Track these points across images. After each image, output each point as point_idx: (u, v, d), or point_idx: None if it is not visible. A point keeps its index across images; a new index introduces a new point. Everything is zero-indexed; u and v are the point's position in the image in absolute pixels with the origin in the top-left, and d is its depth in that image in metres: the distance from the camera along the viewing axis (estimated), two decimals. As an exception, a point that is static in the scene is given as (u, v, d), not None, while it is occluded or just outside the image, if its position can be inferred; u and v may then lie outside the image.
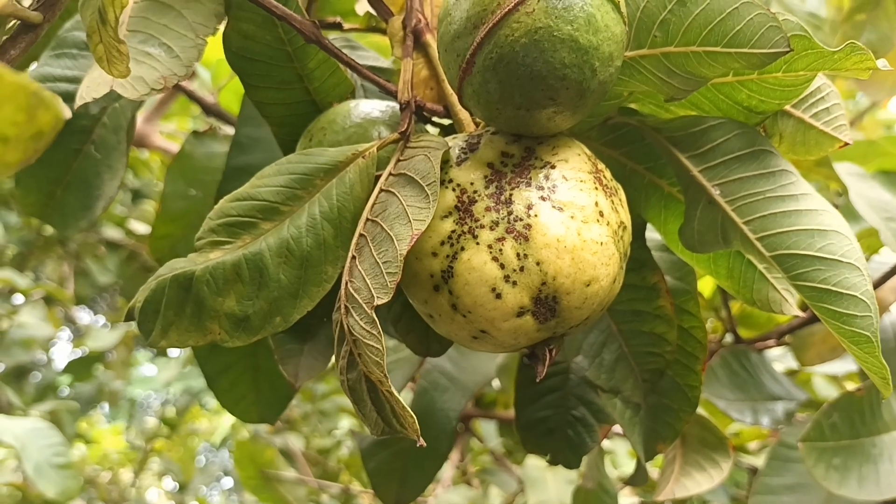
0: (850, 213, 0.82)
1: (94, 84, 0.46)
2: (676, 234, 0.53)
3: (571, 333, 0.46)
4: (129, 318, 0.45)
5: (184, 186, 0.73)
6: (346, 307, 0.42)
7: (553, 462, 0.64)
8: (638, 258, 0.55)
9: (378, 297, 0.39)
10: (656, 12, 0.45)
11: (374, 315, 0.39)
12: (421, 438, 0.40)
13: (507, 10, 0.40)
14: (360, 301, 0.40)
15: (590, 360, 0.56)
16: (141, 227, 2.04)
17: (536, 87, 0.41)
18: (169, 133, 1.90)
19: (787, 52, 0.43)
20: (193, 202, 0.74)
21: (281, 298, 0.44)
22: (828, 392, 1.21)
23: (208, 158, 0.76)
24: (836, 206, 0.93)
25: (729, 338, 0.97)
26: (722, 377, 0.87)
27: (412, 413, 0.40)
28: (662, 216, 0.55)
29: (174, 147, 1.69)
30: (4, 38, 0.37)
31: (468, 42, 0.41)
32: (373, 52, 0.61)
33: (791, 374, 1.15)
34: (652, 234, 0.58)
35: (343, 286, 0.42)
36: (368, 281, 0.40)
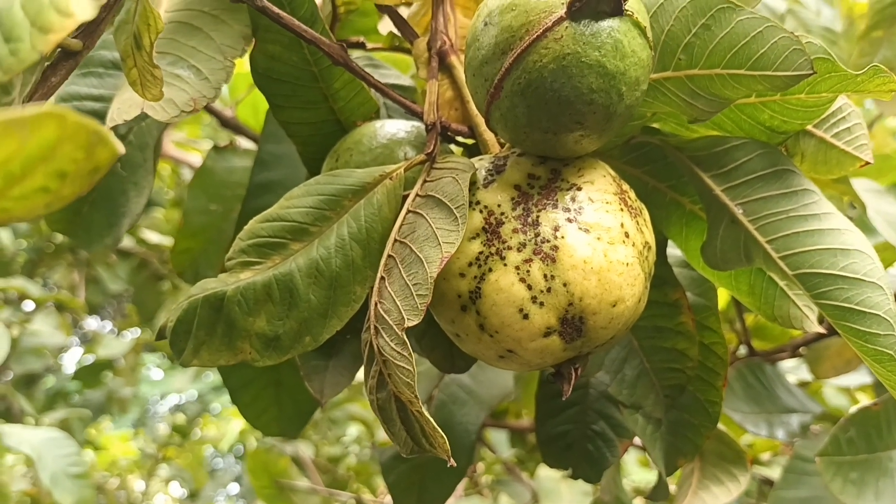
0: (863, 226, 0.82)
1: (125, 106, 0.47)
2: (698, 251, 0.53)
3: (596, 352, 0.47)
4: (160, 337, 0.46)
5: (205, 202, 0.74)
6: (375, 328, 0.42)
7: (573, 476, 0.64)
8: (659, 275, 0.55)
9: (408, 319, 0.40)
10: (681, 36, 0.45)
11: (405, 336, 0.40)
12: (451, 458, 0.40)
13: (535, 36, 0.41)
14: (391, 322, 0.41)
15: (611, 375, 0.57)
16: (152, 236, 2.05)
17: (564, 111, 0.41)
18: (179, 142, 1.91)
19: (811, 74, 0.44)
20: (213, 217, 0.75)
21: (311, 318, 0.44)
22: (838, 401, 1.21)
23: (228, 173, 0.77)
24: (850, 219, 0.93)
25: (743, 350, 0.98)
26: (737, 390, 0.87)
27: (442, 433, 0.40)
28: (684, 233, 0.55)
29: (185, 156, 1.70)
30: (46, 64, 0.38)
31: (496, 67, 0.42)
32: (394, 70, 0.62)
33: (802, 384, 1.15)
34: (672, 251, 0.58)
35: (372, 307, 0.43)
36: (399, 302, 0.41)
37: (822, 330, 0.55)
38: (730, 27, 0.44)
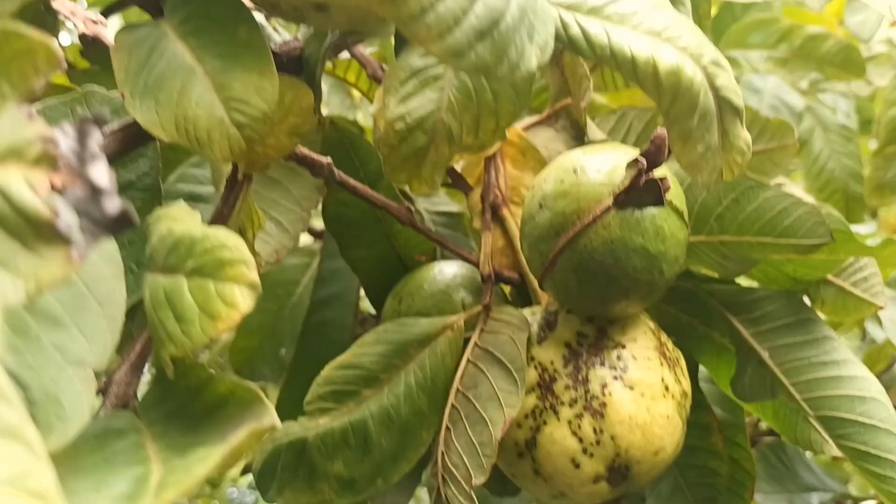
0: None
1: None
2: (727, 378, 0.58)
3: (639, 490, 0.52)
4: (245, 472, 0.52)
5: (260, 302, 0.79)
6: (443, 477, 0.47)
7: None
8: (693, 398, 0.60)
9: (476, 477, 0.45)
10: (713, 206, 0.51)
11: (473, 492, 0.45)
12: None
13: (586, 223, 0.46)
14: (459, 477, 0.46)
15: (648, 490, 0.62)
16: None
17: (611, 286, 0.47)
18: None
19: (830, 242, 0.49)
20: (267, 315, 0.81)
21: (383, 462, 0.50)
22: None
23: (281, 272, 0.82)
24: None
25: (764, 425, 1.02)
26: (760, 471, 0.91)
27: (503, 575, 0.45)
28: (714, 363, 0.60)
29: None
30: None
31: (550, 245, 0.47)
32: (444, 197, 0.68)
33: (825, 463, 1.18)
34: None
35: (440, 456, 0.48)
36: (466, 459, 0.46)
37: (841, 455, 0.59)
38: (757, 202, 0.50)
